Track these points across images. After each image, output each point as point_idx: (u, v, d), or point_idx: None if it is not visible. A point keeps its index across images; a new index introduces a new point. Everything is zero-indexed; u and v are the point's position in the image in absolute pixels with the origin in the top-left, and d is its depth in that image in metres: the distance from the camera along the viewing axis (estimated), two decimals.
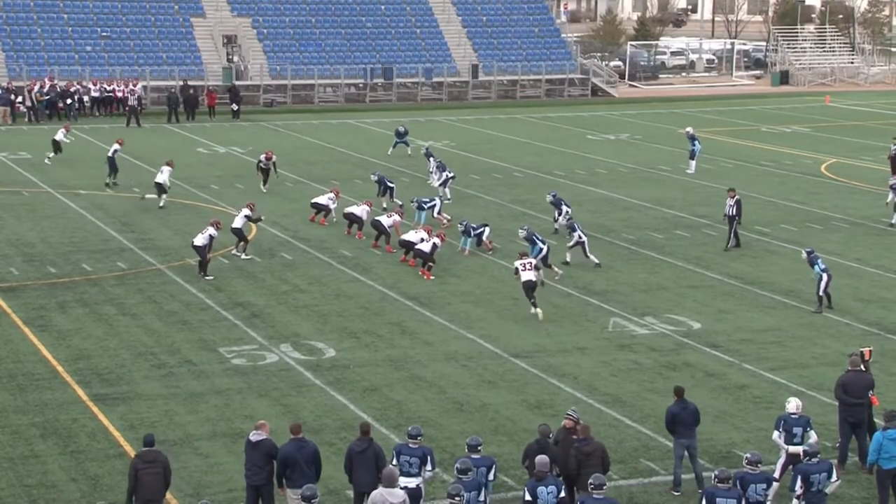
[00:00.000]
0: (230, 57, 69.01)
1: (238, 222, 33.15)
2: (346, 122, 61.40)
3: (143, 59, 66.85)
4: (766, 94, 78.67)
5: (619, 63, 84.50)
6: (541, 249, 30.95)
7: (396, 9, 75.64)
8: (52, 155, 47.21)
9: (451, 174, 41.25)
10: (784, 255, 34.43)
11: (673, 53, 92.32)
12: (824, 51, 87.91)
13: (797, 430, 18.35)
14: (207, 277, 30.69)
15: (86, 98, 61.75)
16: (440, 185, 40.82)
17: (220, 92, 64.72)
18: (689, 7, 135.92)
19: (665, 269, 32.72)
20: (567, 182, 45.21)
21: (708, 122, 63.50)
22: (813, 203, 41.68)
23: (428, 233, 32.25)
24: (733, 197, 35.08)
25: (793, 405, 18.59)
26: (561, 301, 29.53)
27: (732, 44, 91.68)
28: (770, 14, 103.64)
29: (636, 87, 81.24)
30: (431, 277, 31.03)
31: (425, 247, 31.51)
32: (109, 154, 43.29)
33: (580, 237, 32.60)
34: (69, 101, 60.23)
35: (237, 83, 65.91)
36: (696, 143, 47.46)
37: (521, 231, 32.41)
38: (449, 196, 40.26)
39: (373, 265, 32.53)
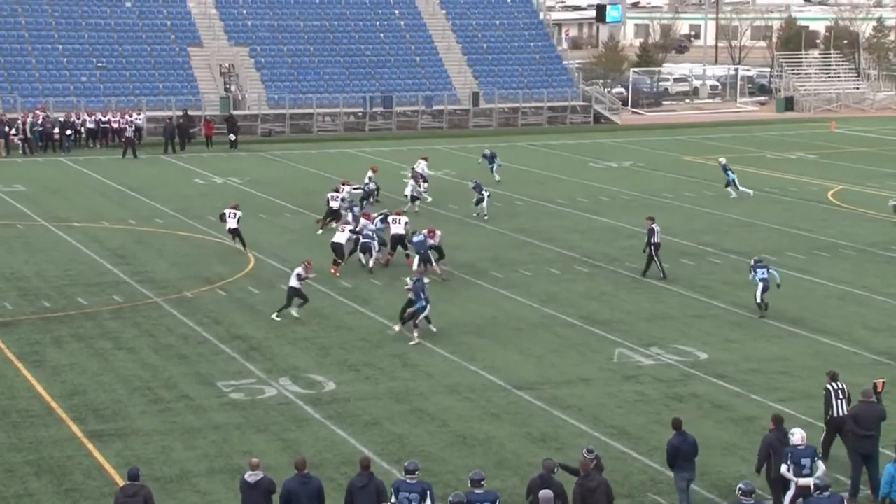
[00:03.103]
0: (228, 86, 69.12)
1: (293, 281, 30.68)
2: (346, 151, 61.43)
3: (140, 90, 66.97)
4: (770, 120, 78.74)
5: (622, 90, 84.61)
6: (423, 307, 28.56)
7: (396, 37, 75.86)
8: None
9: (487, 193, 43.26)
10: (791, 283, 34.31)
11: (676, 80, 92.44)
12: (829, 76, 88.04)
13: (805, 462, 18.24)
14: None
15: (81, 129, 61.78)
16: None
17: (217, 122, 64.82)
18: (693, 33, 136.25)
19: (670, 298, 32.62)
20: (569, 210, 45.19)
21: (712, 148, 63.48)
22: (820, 230, 41.62)
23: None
24: (651, 224, 34.45)
25: (798, 436, 18.49)
26: (565, 331, 29.43)
27: (736, 70, 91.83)
28: (774, 40, 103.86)
29: (639, 113, 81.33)
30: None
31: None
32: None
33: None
34: (68, 131, 60.28)
35: (235, 113, 65.99)
36: (730, 172, 47.69)
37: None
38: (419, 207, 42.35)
39: (373, 296, 32.45)
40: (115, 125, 62.01)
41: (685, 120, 78.58)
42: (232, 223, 37.50)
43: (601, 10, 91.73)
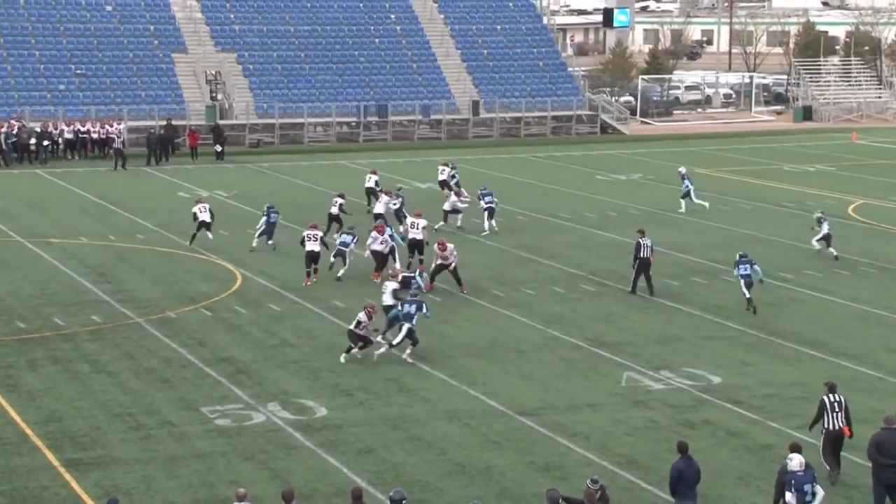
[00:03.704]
0: (214, 94, 69.23)
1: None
2: (339, 163, 61.49)
3: (121, 98, 67.07)
4: (787, 130, 78.86)
5: (630, 98, 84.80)
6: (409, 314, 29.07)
7: (391, 42, 76.01)
8: None
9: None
10: (809, 303, 34.33)
11: (687, 88, 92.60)
12: (850, 85, 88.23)
13: (807, 488, 18.36)
14: None
15: (59, 140, 61.83)
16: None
17: (203, 132, 64.88)
18: (705, 39, 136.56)
19: (681, 319, 32.61)
20: (575, 225, 45.22)
21: (726, 160, 63.59)
22: (839, 247, 41.59)
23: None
24: (642, 237, 34.92)
25: (796, 462, 18.60)
26: (570, 354, 29.41)
27: (751, 77, 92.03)
28: (791, 46, 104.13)
29: (648, 123, 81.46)
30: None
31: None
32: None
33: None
34: (45, 142, 60.33)
35: (221, 122, 66.09)
36: (688, 181, 48.07)
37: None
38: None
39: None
40: (95, 135, 62.10)
41: (697, 130, 78.69)
42: (204, 216, 40.39)
43: (608, 14, 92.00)
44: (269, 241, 40.28)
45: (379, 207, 42.33)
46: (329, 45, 74.62)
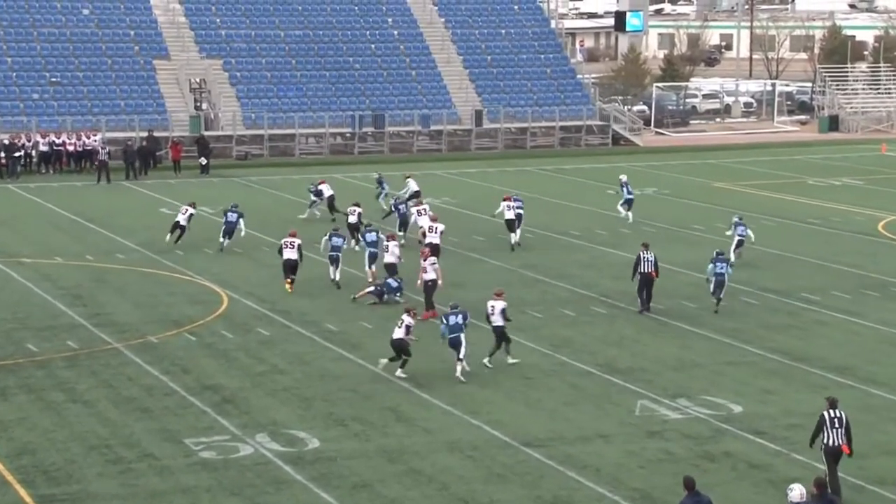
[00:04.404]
0: (198, 104, 69.35)
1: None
2: (332, 176, 61.46)
3: (99, 108, 67.18)
4: (812, 142, 78.93)
5: (644, 107, 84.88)
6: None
7: (389, 48, 76.17)
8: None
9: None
10: (836, 326, 34.33)
11: (705, 96, 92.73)
12: (879, 93, 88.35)
13: None
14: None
15: (32, 153, 61.88)
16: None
17: (186, 144, 64.96)
18: (724, 44, 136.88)
19: (699, 343, 32.61)
20: (585, 243, 45.24)
21: (746, 174, 63.64)
22: (868, 266, 41.63)
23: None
24: (646, 250, 35.63)
25: (797, 492, 18.76)
26: (580, 381, 29.41)
27: (773, 85, 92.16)
28: (816, 51, 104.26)
29: (663, 134, 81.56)
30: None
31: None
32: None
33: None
34: (17, 154, 60.41)
35: (206, 133, 66.17)
36: (627, 189, 49.24)
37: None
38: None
39: (362, 341, 32.45)
40: (71, 147, 62.19)
41: (715, 142, 78.77)
42: (182, 219, 43.23)
43: (620, 17, 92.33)
44: (222, 240, 43.21)
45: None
46: (322, 50, 74.76)
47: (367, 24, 77.28)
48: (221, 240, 43.22)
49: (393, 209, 45.88)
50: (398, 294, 36.06)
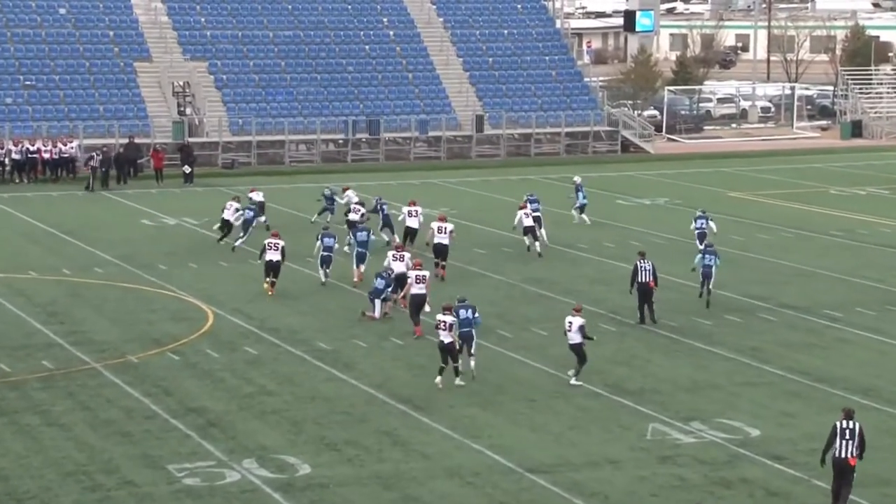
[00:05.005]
0: (182, 109, 69.37)
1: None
2: (324, 186, 61.47)
3: (76, 113, 67.21)
4: (834, 148, 78.98)
5: (655, 112, 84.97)
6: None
7: (384, 49, 76.24)
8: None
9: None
10: (860, 344, 34.31)
11: (720, 100, 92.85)
12: None
13: None
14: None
15: (5, 161, 61.87)
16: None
17: (169, 151, 64.98)
18: (740, 45, 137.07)
19: (715, 363, 32.60)
20: (592, 256, 45.25)
21: (764, 183, 63.67)
22: (895, 281, 41.62)
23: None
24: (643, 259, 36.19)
25: None
26: (588, 402, 29.39)
27: (792, 88, 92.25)
28: (838, 53, 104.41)
29: (676, 141, 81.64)
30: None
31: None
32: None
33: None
34: None
35: (190, 140, 66.21)
36: (581, 194, 50.44)
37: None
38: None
39: (356, 360, 32.44)
40: (47, 155, 62.17)
41: (731, 149, 78.81)
42: (228, 215, 45.94)
43: (630, 17, 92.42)
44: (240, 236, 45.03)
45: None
46: (313, 52, 74.83)
47: (362, 24, 77.37)
48: (240, 236, 45.10)
49: (377, 209, 46.46)
50: (389, 289, 36.27)
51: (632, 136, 76.31)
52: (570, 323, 30.57)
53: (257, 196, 49.46)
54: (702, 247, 39.83)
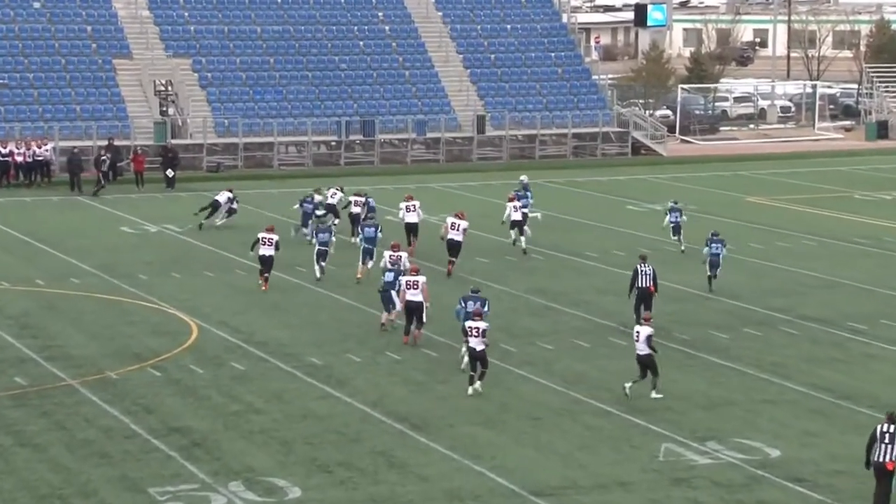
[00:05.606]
0: (164, 109, 69.41)
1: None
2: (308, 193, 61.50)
3: (51, 113, 67.21)
4: (858, 150, 79.01)
5: (668, 112, 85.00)
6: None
7: (379, 46, 76.26)
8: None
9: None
10: (887, 359, 34.30)
11: (737, 99, 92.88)
12: None
13: None
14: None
15: None
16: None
17: (151, 153, 64.97)
18: (758, 40, 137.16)
19: (732, 379, 32.59)
20: (601, 266, 45.24)
21: (784, 187, 63.68)
22: None
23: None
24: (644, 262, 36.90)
25: None
26: (596, 421, 29.37)
27: (814, 86, 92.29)
28: (862, 49, 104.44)
29: (690, 142, 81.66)
30: None
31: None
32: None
33: None
34: None
35: (173, 142, 66.21)
36: (530, 195, 50.89)
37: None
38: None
39: (350, 376, 32.43)
40: (20, 158, 62.11)
41: (749, 151, 78.86)
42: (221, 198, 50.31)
43: (641, 10, 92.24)
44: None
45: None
46: (304, 49, 74.86)
47: (355, 18, 77.40)
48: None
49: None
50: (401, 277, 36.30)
51: (643, 138, 76.32)
52: (638, 332, 30.80)
53: (222, 197, 51.93)
54: (709, 236, 41.63)
